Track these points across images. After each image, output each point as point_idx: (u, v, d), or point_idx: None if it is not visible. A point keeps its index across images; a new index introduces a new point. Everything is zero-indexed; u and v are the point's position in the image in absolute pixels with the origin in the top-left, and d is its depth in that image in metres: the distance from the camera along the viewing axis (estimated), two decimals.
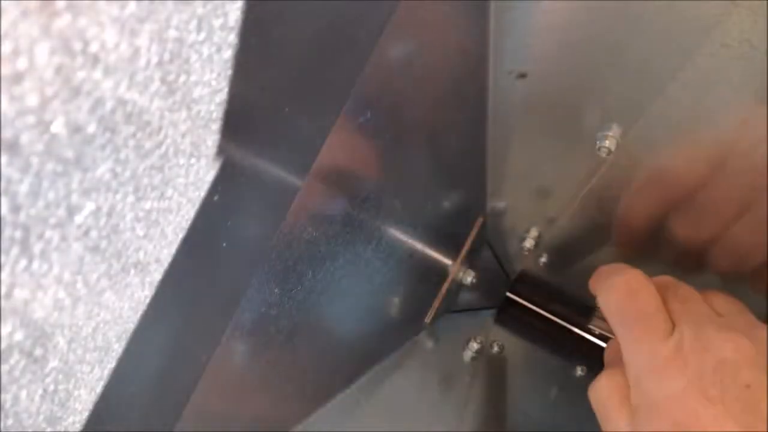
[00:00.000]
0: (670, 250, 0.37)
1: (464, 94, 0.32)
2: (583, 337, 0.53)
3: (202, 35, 0.15)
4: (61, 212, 0.13)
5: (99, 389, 0.18)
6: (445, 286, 0.42)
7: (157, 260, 0.17)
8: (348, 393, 0.36)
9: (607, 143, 0.32)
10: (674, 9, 0.25)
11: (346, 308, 0.31)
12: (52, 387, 0.16)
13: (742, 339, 0.24)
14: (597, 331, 0.50)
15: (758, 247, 0.32)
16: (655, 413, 0.23)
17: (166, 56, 0.14)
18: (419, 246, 0.36)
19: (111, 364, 0.18)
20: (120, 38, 0.12)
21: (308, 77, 0.19)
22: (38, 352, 0.15)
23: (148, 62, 0.13)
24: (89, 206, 0.14)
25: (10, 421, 0.15)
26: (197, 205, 0.18)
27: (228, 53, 0.16)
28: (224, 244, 0.20)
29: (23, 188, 0.12)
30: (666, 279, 0.29)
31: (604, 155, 0.32)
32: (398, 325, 0.40)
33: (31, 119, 0.11)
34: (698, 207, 0.33)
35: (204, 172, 0.17)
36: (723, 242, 0.35)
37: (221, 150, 0.17)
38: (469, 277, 0.45)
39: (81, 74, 0.12)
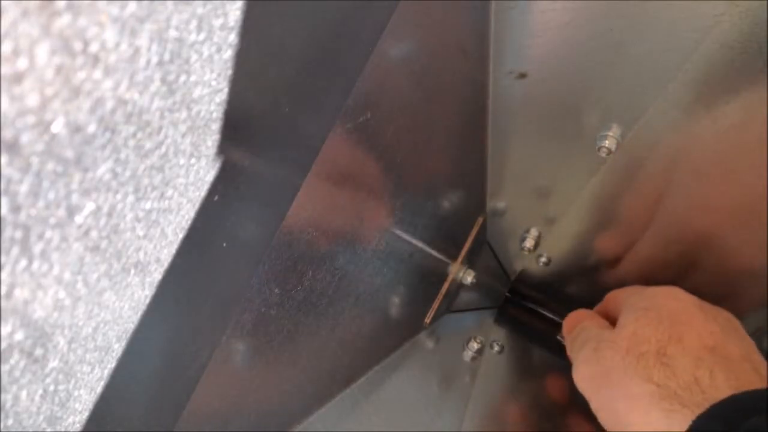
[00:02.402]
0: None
1: (464, 94, 0.32)
2: None
3: (202, 35, 0.15)
4: (61, 212, 0.13)
5: (99, 389, 0.18)
6: (445, 286, 0.42)
7: (157, 260, 0.17)
8: (348, 393, 0.36)
9: (607, 143, 0.32)
10: (674, 9, 0.25)
11: (346, 308, 0.31)
12: (52, 387, 0.16)
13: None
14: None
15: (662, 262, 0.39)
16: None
17: (166, 56, 0.14)
18: (419, 246, 0.36)
19: (111, 364, 0.18)
20: (120, 38, 0.12)
21: (308, 77, 0.19)
22: (38, 352, 0.15)
23: (148, 62, 0.13)
24: (89, 206, 0.14)
25: (10, 421, 0.15)
26: (197, 205, 0.18)
27: (228, 53, 0.16)
28: (224, 244, 0.20)
29: (23, 188, 0.12)
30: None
31: (604, 155, 0.32)
32: (398, 325, 0.40)
33: (31, 119, 0.11)
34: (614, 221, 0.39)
35: (204, 172, 0.17)
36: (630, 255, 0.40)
37: (221, 150, 0.17)
38: (469, 277, 0.45)
39: (81, 74, 0.12)
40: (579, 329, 0.38)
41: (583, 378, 0.35)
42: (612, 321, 0.37)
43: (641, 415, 0.31)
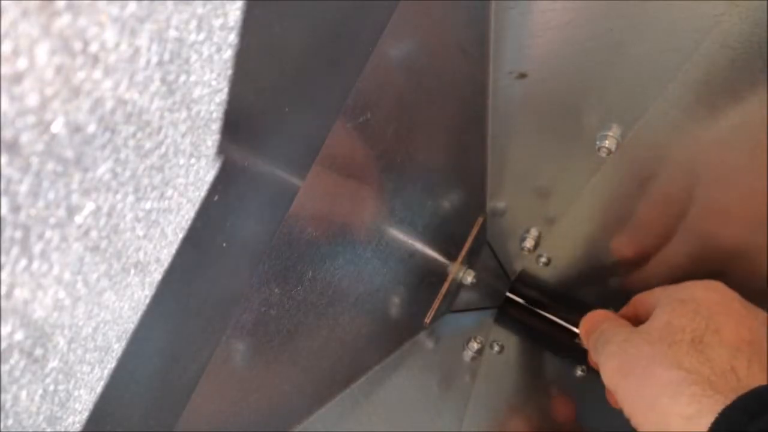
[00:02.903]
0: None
1: (464, 94, 0.32)
2: None
3: (202, 35, 0.15)
4: (61, 212, 0.13)
5: (99, 389, 0.18)
6: (445, 286, 0.42)
7: (157, 260, 0.17)
8: (348, 393, 0.36)
9: (607, 143, 0.32)
10: (674, 9, 0.25)
11: (346, 308, 0.31)
12: (52, 387, 0.16)
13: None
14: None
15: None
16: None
17: (166, 56, 0.14)
18: (419, 246, 0.36)
19: (111, 364, 0.18)
20: (120, 38, 0.12)
21: (308, 77, 0.19)
22: (38, 352, 0.15)
23: (148, 62, 0.13)
24: (89, 206, 0.14)
25: (10, 421, 0.15)
26: (197, 205, 0.18)
27: (228, 53, 0.16)
28: (224, 244, 0.20)
29: (23, 188, 0.12)
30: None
31: (604, 155, 0.32)
32: (398, 325, 0.40)
33: (31, 119, 0.11)
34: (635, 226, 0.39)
35: (204, 172, 0.17)
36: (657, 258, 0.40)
37: (221, 150, 0.17)
38: (469, 277, 0.45)
39: (81, 74, 0.12)
40: (600, 330, 0.37)
41: (610, 371, 0.34)
42: (638, 323, 0.36)
43: (668, 400, 0.30)
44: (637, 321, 0.37)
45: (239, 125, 0.18)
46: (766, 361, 0.30)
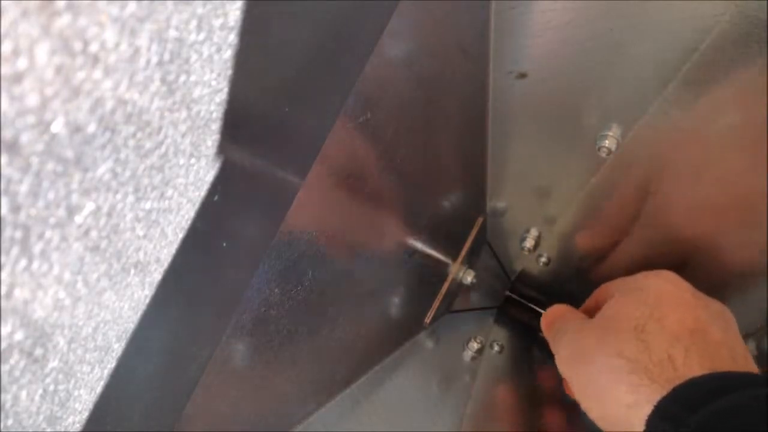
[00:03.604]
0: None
1: (464, 94, 0.32)
2: None
3: (202, 35, 0.15)
4: (61, 212, 0.13)
5: (99, 389, 0.18)
6: (445, 286, 0.42)
7: (157, 260, 0.17)
8: (348, 393, 0.36)
9: (607, 143, 0.32)
10: (674, 9, 0.25)
11: (346, 308, 0.31)
12: (52, 387, 0.16)
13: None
14: None
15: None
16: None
17: (166, 56, 0.14)
18: (419, 246, 0.36)
19: (111, 364, 0.18)
20: (120, 38, 0.12)
21: (308, 77, 0.19)
22: (38, 352, 0.15)
23: (148, 62, 0.13)
24: (89, 206, 0.14)
25: (10, 421, 0.15)
26: (197, 205, 0.18)
27: (228, 53, 0.16)
28: (224, 244, 0.20)
29: (23, 188, 0.12)
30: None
31: (604, 155, 0.32)
32: (398, 325, 0.40)
33: (31, 119, 0.11)
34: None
35: (204, 172, 0.17)
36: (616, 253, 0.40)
37: (221, 150, 0.17)
38: (469, 277, 0.45)
39: (81, 74, 0.12)
40: (560, 323, 0.38)
41: (563, 360, 0.36)
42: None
43: (610, 388, 0.31)
44: (597, 312, 0.38)
45: (239, 125, 0.18)
46: (709, 351, 0.30)
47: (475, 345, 0.47)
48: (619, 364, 0.31)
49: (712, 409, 0.25)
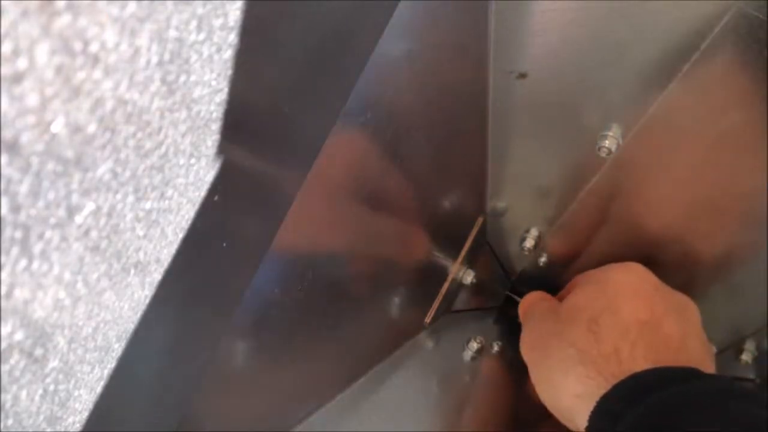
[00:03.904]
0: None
1: (464, 94, 0.32)
2: None
3: (202, 35, 0.15)
4: (61, 212, 0.13)
5: (99, 389, 0.18)
6: (445, 286, 0.42)
7: (157, 260, 0.17)
8: (348, 393, 0.36)
9: (607, 143, 0.32)
10: (674, 9, 0.25)
11: (346, 308, 0.31)
12: (52, 387, 0.16)
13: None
14: None
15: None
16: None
17: (166, 56, 0.14)
18: (419, 246, 0.36)
19: (111, 364, 0.18)
20: (120, 38, 0.12)
21: (308, 77, 0.19)
22: (38, 352, 0.15)
23: (148, 62, 0.13)
24: (89, 206, 0.14)
25: (10, 421, 0.15)
26: (197, 205, 0.18)
27: (228, 53, 0.16)
28: (224, 244, 0.20)
29: (23, 188, 0.12)
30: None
31: (604, 155, 0.32)
32: (398, 325, 0.40)
33: (31, 119, 0.11)
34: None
35: (204, 172, 0.17)
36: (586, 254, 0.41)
37: (221, 150, 0.17)
38: (469, 277, 0.45)
39: (81, 74, 0.12)
40: (531, 309, 0.39)
41: (523, 344, 0.37)
42: None
43: (560, 377, 0.31)
44: None
45: (239, 125, 0.18)
46: (656, 344, 0.30)
47: (475, 345, 0.47)
48: (570, 354, 0.31)
49: (647, 405, 0.25)
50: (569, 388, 0.30)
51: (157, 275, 0.17)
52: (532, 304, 0.40)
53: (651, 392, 0.26)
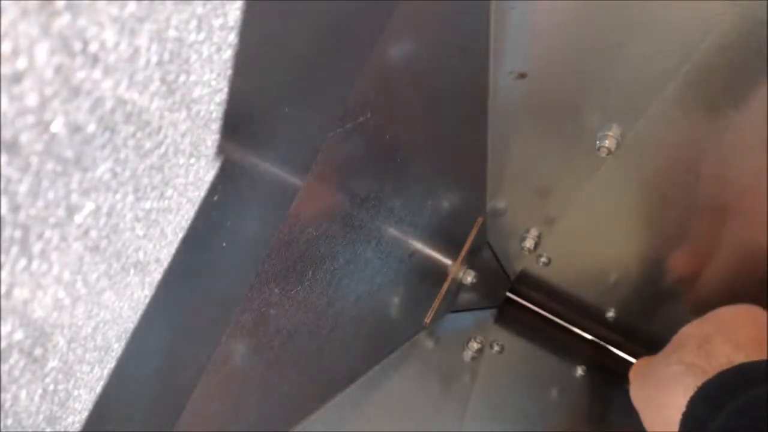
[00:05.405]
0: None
1: (464, 94, 0.32)
2: (583, 337, 0.53)
3: (202, 35, 0.15)
4: (61, 212, 0.13)
5: (99, 389, 0.18)
6: (445, 286, 0.42)
7: (157, 260, 0.17)
8: (348, 392, 0.36)
9: (607, 143, 0.32)
10: (674, 9, 0.25)
11: (346, 308, 0.31)
12: (52, 387, 0.16)
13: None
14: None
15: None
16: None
17: (166, 56, 0.14)
18: (419, 246, 0.36)
19: (111, 364, 0.18)
20: (120, 38, 0.12)
21: (308, 77, 0.19)
22: (38, 352, 0.15)
23: (148, 62, 0.13)
24: (89, 206, 0.14)
25: (9, 421, 0.15)
26: (197, 205, 0.18)
27: (228, 53, 0.16)
28: (224, 244, 0.20)
29: (23, 188, 0.12)
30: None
31: (604, 155, 0.32)
32: (398, 325, 0.40)
33: (31, 119, 0.11)
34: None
35: (204, 172, 0.17)
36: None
37: (221, 150, 0.17)
38: (469, 277, 0.45)
39: (81, 74, 0.12)
40: (641, 368, 0.38)
41: (632, 390, 0.36)
42: None
43: (667, 394, 0.31)
44: None
45: (239, 125, 0.18)
46: None
47: (475, 345, 0.47)
48: (678, 371, 0.31)
49: (750, 395, 0.25)
50: (676, 402, 0.29)
51: (156, 275, 0.17)
52: (641, 365, 0.39)
53: (756, 384, 0.25)
